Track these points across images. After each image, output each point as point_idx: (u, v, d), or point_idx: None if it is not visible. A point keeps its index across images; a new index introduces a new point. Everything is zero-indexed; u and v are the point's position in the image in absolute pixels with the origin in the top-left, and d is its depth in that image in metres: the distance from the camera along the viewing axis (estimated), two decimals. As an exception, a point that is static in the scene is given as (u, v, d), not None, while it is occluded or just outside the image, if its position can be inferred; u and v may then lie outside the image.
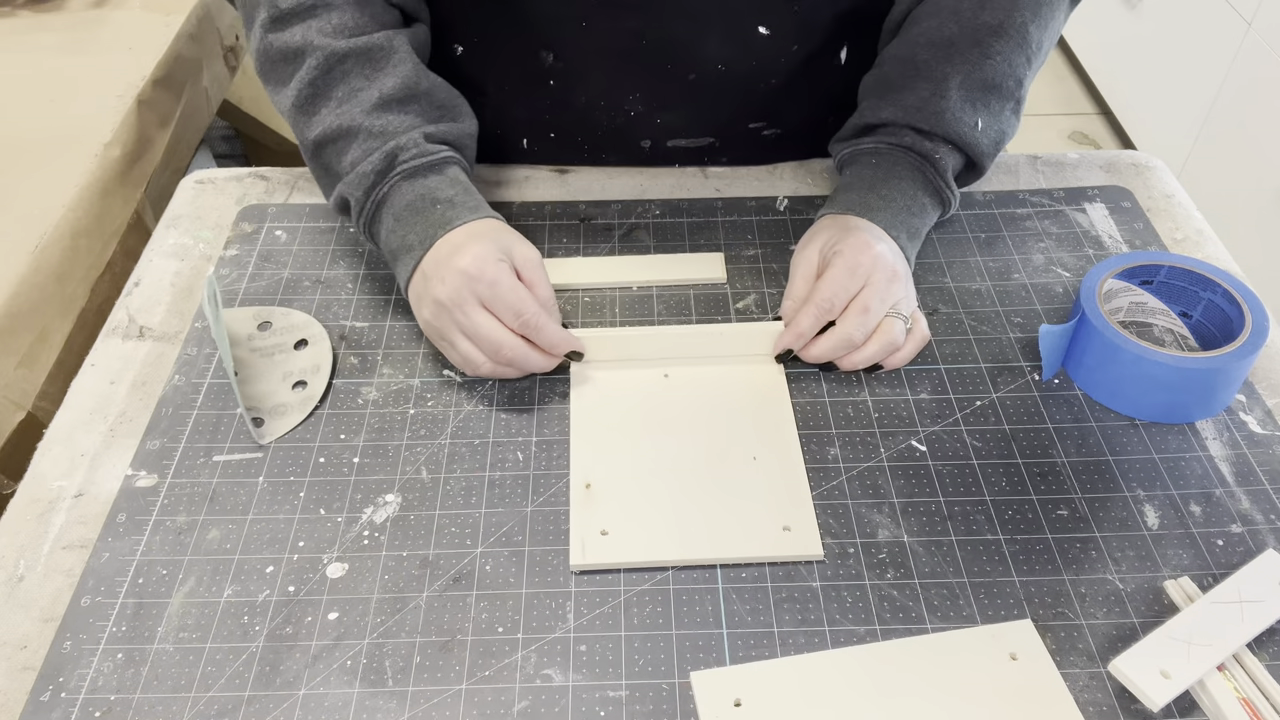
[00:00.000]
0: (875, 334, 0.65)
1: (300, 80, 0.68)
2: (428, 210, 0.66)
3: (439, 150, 0.69)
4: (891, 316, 0.65)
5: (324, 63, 0.68)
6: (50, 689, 0.51)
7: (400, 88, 0.68)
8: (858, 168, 0.73)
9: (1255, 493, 0.60)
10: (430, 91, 0.70)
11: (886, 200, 0.70)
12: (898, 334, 0.65)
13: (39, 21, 1.11)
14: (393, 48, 0.69)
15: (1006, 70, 0.71)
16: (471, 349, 0.63)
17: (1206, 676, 0.50)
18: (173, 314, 0.72)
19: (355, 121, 0.67)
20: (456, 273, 0.62)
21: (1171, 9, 2.06)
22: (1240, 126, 1.83)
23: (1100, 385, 0.65)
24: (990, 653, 0.52)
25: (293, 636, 0.54)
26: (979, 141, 0.71)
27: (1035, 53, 0.72)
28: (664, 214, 0.80)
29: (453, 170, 0.69)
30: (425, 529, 0.59)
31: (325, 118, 0.68)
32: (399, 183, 0.67)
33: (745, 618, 0.54)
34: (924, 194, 0.71)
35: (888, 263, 0.66)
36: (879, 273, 0.65)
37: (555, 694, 0.51)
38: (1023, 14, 0.70)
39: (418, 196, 0.67)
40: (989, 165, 0.74)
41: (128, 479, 0.61)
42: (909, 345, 0.66)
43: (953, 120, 0.70)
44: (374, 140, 0.67)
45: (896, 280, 0.66)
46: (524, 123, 0.83)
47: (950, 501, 0.60)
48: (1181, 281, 0.68)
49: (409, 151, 0.67)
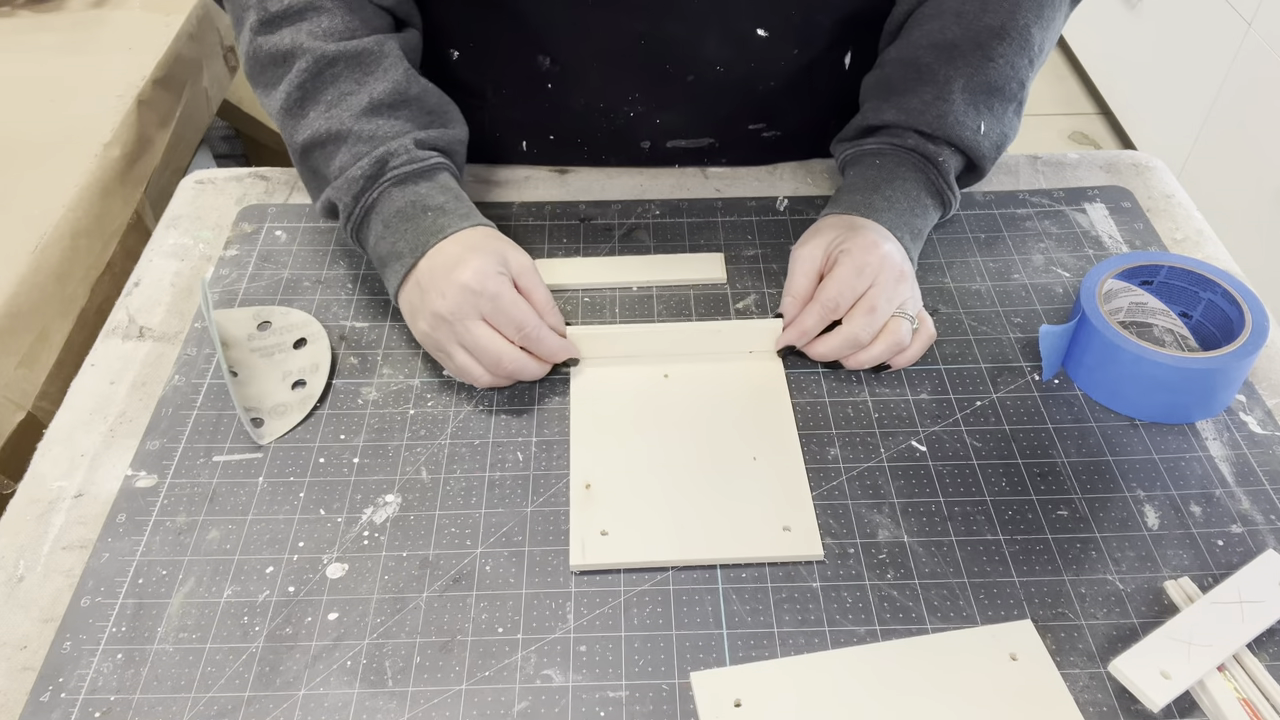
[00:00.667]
0: (882, 334, 0.65)
1: (289, 83, 0.68)
2: (419, 217, 0.66)
3: (429, 156, 0.68)
4: (898, 316, 0.65)
5: (313, 65, 0.67)
6: (50, 689, 0.51)
7: (391, 93, 0.68)
8: (861, 168, 0.73)
9: (1255, 493, 0.60)
10: (420, 97, 0.70)
11: (890, 201, 0.70)
12: (904, 334, 0.65)
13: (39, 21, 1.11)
14: (383, 52, 0.69)
15: (1009, 73, 0.71)
16: (470, 361, 0.63)
17: (1206, 677, 0.50)
18: (173, 314, 0.72)
19: (344, 126, 0.67)
20: (458, 287, 0.62)
21: (1171, 9, 2.06)
22: (1240, 126, 1.83)
23: (1100, 385, 0.65)
24: (990, 653, 0.52)
25: (293, 637, 0.54)
26: (981, 144, 0.71)
27: (1037, 54, 0.72)
28: (664, 214, 0.80)
29: (443, 177, 0.69)
30: (425, 529, 0.59)
31: (314, 121, 0.68)
32: (389, 189, 0.67)
33: (745, 618, 0.54)
34: (926, 195, 0.71)
35: (895, 262, 0.66)
36: (886, 272, 0.65)
37: (555, 694, 0.51)
38: (1025, 16, 0.70)
39: (408, 203, 0.66)
40: (990, 167, 0.74)
41: (128, 479, 0.61)
42: (915, 345, 0.66)
43: (955, 124, 0.70)
44: (363, 145, 0.67)
45: (903, 280, 0.66)
46: (522, 125, 0.83)
47: (950, 502, 0.60)
48: (1181, 282, 0.68)
49: (400, 157, 0.67)
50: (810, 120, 0.82)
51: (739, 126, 0.82)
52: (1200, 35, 1.95)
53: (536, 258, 0.75)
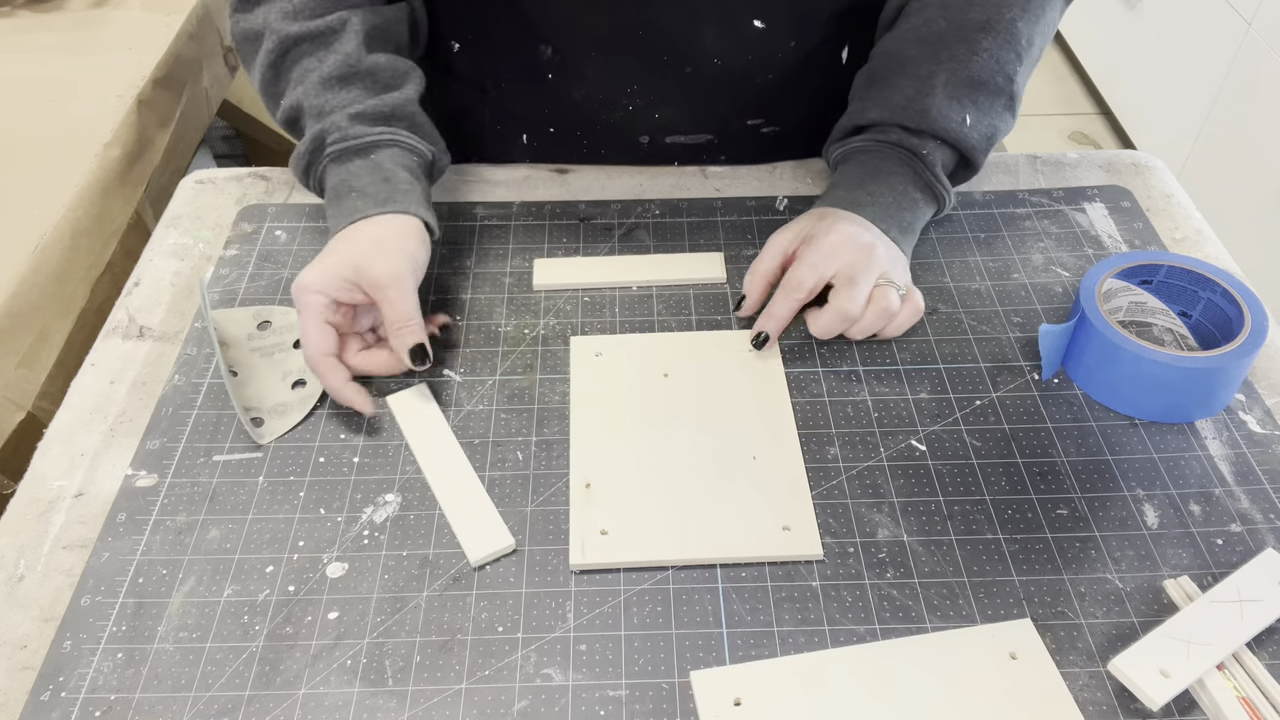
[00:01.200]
0: (870, 304, 0.66)
1: (260, 64, 0.71)
2: (345, 198, 0.68)
3: (365, 133, 0.69)
4: (882, 285, 0.66)
5: (279, 46, 0.70)
6: (50, 689, 0.52)
7: (340, 65, 0.70)
8: (848, 166, 0.74)
9: (1255, 492, 0.60)
10: (372, 69, 0.71)
11: (874, 196, 0.70)
12: (892, 300, 0.66)
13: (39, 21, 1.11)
14: (342, 28, 0.70)
15: (995, 67, 0.71)
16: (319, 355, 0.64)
17: (1206, 676, 0.50)
18: (173, 314, 0.72)
19: (306, 101, 0.70)
20: (300, 284, 0.63)
21: (1171, 9, 2.06)
22: (1240, 126, 1.83)
23: (1100, 385, 0.65)
24: (990, 652, 0.52)
25: (293, 636, 0.54)
26: (968, 136, 0.71)
27: (1026, 48, 0.72)
28: (664, 214, 0.80)
29: (379, 154, 0.69)
30: (425, 528, 0.59)
31: (284, 101, 0.71)
32: (329, 166, 0.70)
33: (745, 617, 0.54)
34: (914, 189, 0.72)
35: (863, 241, 0.67)
36: (851, 250, 0.66)
37: (555, 693, 0.51)
38: (1011, 10, 0.70)
39: (340, 182, 0.69)
40: (982, 160, 0.74)
41: (128, 479, 0.61)
42: (903, 314, 0.67)
43: (939, 117, 0.71)
44: (313, 120, 0.70)
45: (874, 252, 0.66)
46: (523, 118, 0.83)
47: (950, 501, 0.60)
48: (1181, 281, 0.68)
49: (332, 135, 0.69)
50: (808, 116, 0.82)
51: (738, 122, 0.82)
52: (1200, 35, 1.95)
53: (536, 257, 0.75)
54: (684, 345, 0.69)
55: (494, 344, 0.70)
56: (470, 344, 0.70)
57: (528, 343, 0.70)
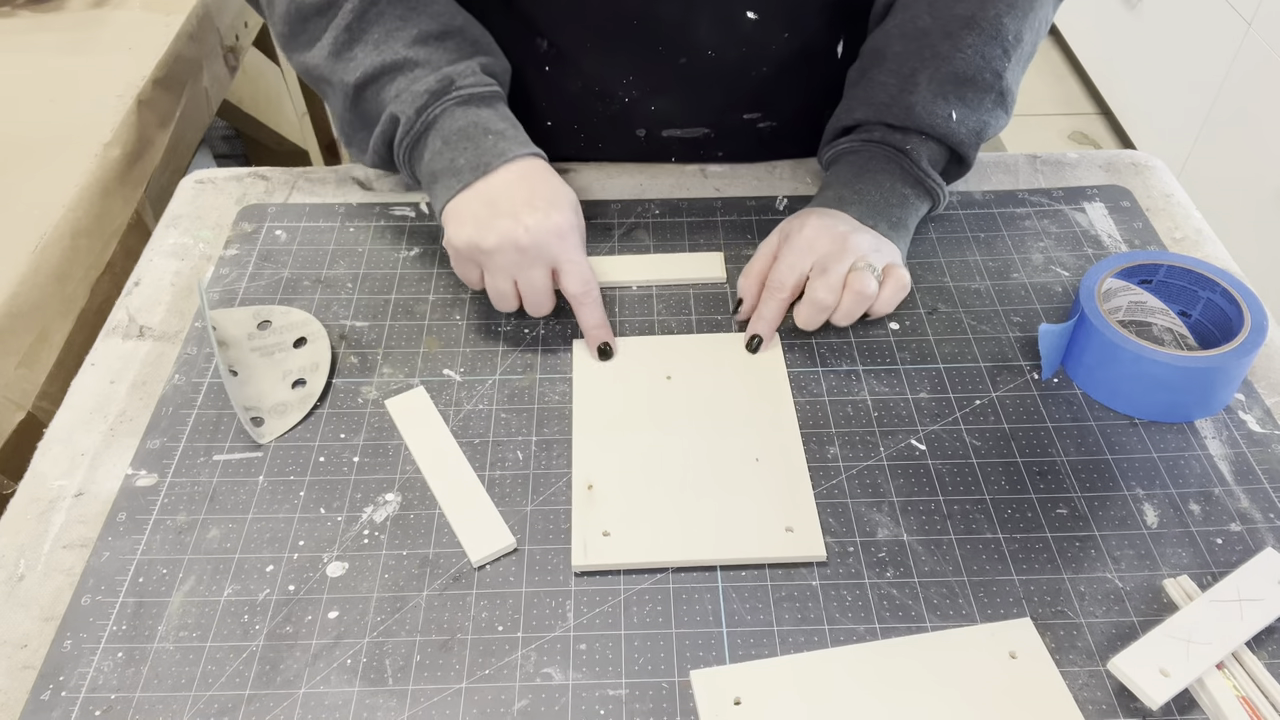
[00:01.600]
0: (845, 290, 0.67)
1: (336, 27, 0.70)
2: (480, 138, 0.69)
3: (491, 84, 0.72)
4: (855, 270, 0.66)
5: (359, 6, 0.70)
6: (50, 688, 0.52)
7: (439, 24, 0.71)
8: (838, 168, 0.75)
9: (1254, 491, 0.60)
10: (464, 28, 0.73)
11: (861, 194, 0.71)
12: (867, 283, 0.66)
13: (39, 21, 1.11)
14: None
15: (980, 63, 0.71)
16: (512, 292, 0.68)
17: (1205, 675, 0.50)
18: (173, 314, 0.72)
19: (398, 55, 0.70)
20: (546, 231, 0.66)
21: (1171, 9, 2.07)
22: (1240, 126, 1.83)
23: (1099, 384, 0.65)
24: (990, 651, 0.52)
25: (293, 635, 0.54)
26: (955, 131, 0.71)
27: (1014, 44, 0.71)
28: (663, 213, 0.80)
29: (502, 107, 0.72)
30: (425, 528, 0.59)
31: (365, 59, 0.70)
32: (452, 107, 0.70)
33: (745, 616, 0.54)
34: (903, 185, 0.72)
35: (835, 230, 0.68)
36: (823, 239, 0.68)
37: (555, 693, 0.51)
38: (996, 6, 0.70)
39: (470, 123, 0.69)
40: (973, 155, 0.74)
41: (128, 478, 0.61)
42: (886, 291, 0.68)
43: (924, 113, 0.71)
44: (422, 69, 0.70)
45: (847, 241, 0.67)
46: (519, 111, 0.83)
47: (950, 500, 0.60)
48: (1181, 280, 0.68)
49: (467, 79, 0.70)
50: (804, 110, 0.82)
51: (733, 115, 0.82)
52: (1200, 35, 1.95)
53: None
54: (687, 347, 0.69)
55: (494, 344, 0.70)
56: (470, 344, 0.70)
57: (528, 343, 0.70)
